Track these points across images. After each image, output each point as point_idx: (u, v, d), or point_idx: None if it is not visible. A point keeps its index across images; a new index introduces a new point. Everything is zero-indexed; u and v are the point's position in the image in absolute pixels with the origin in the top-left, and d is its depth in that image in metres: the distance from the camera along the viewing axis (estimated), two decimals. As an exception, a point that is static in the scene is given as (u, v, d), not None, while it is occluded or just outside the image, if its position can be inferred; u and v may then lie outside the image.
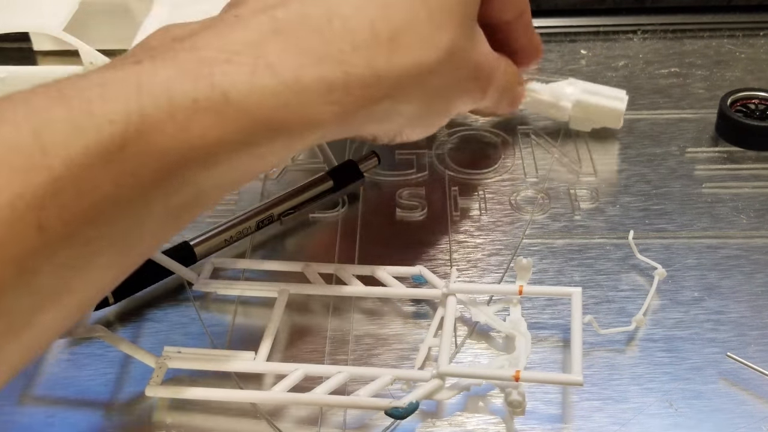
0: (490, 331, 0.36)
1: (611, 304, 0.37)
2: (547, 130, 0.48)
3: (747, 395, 0.33)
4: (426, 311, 0.38)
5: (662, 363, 0.35)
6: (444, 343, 0.33)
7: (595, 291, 0.38)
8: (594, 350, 0.35)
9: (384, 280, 0.37)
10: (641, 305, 0.36)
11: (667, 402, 0.33)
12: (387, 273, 0.37)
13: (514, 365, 0.33)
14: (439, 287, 0.36)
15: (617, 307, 0.37)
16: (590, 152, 0.46)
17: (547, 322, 0.37)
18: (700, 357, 0.35)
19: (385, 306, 0.38)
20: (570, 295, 0.35)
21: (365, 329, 0.37)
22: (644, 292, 0.37)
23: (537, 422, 0.33)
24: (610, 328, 0.35)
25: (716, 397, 0.33)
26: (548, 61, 0.54)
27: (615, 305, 0.37)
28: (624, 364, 0.35)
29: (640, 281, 0.38)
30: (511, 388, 0.32)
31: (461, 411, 0.33)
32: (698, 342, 0.36)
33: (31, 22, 0.49)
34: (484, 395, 0.34)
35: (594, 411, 0.33)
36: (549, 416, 0.33)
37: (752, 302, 0.37)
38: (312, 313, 0.38)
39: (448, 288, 0.36)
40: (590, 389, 0.34)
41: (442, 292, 0.36)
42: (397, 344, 0.36)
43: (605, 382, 0.34)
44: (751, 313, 0.37)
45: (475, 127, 0.49)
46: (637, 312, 0.36)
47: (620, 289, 0.38)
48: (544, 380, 0.33)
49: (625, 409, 0.33)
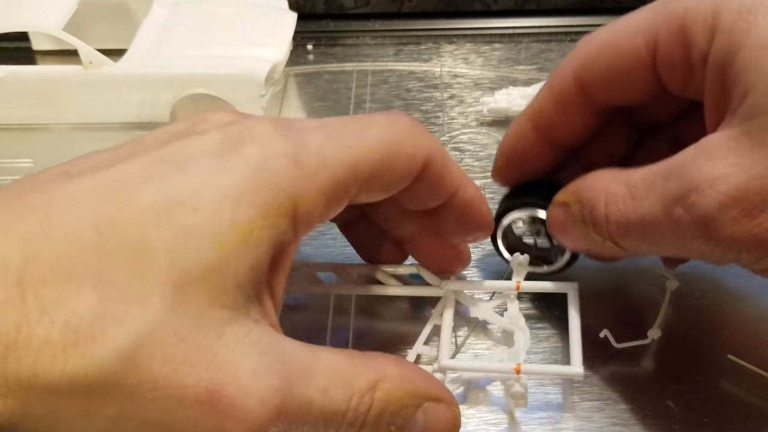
0: (487, 325, 0.36)
1: (616, 306, 0.37)
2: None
3: (747, 396, 0.33)
4: (423, 315, 0.37)
5: (663, 363, 0.35)
6: (444, 338, 0.33)
7: (598, 291, 0.38)
8: (594, 351, 0.35)
9: (382, 279, 0.37)
10: (645, 306, 0.36)
11: (668, 402, 0.33)
12: (385, 272, 0.37)
13: (514, 359, 0.33)
14: (436, 285, 0.36)
15: (621, 308, 0.37)
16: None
17: (545, 316, 0.37)
18: (700, 358, 0.35)
19: (383, 307, 0.38)
20: (566, 290, 0.35)
21: (365, 327, 0.37)
22: (649, 294, 0.37)
23: (537, 422, 0.33)
24: (626, 342, 0.35)
25: (716, 397, 0.33)
26: (549, 61, 0.54)
27: (620, 307, 0.37)
28: (625, 365, 0.35)
29: (645, 283, 0.38)
30: (512, 380, 0.32)
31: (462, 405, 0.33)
32: (699, 343, 0.35)
33: (30, 22, 0.49)
34: (484, 388, 0.34)
35: (595, 411, 0.33)
36: (549, 416, 0.33)
37: (753, 303, 0.37)
38: (311, 313, 0.38)
39: (445, 285, 0.36)
40: (591, 389, 0.34)
41: (440, 288, 0.36)
42: (398, 344, 0.36)
43: (606, 382, 0.34)
44: (751, 313, 0.37)
45: (473, 127, 0.49)
46: (646, 317, 0.36)
47: (625, 290, 0.38)
48: (545, 372, 0.33)
49: (626, 410, 0.33)
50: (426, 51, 0.56)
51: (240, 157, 0.26)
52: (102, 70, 0.48)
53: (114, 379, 0.23)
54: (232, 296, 0.25)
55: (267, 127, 0.27)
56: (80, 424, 0.24)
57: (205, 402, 0.24)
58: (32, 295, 0.22)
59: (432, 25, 0.58)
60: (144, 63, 0.48)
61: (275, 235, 0.26)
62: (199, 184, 0.25)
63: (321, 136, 0.28)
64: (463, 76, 0.54)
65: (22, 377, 0.22)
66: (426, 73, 0.54)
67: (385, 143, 0.29)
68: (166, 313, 0.23)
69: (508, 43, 0.57)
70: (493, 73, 0.53)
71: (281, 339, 0.26)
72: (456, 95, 0.52)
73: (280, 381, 0.25)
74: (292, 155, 0.26)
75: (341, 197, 0.28)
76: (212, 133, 0.26)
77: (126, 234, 0.24)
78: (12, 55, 0.54)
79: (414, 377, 0.28)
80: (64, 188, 0.24)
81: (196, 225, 0.24)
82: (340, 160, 0.28)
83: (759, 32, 0.28)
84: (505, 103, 0.49)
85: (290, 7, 0.54)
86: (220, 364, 0.24)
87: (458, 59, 0.55)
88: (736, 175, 0.27)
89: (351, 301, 0.38)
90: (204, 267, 0.24)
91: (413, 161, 0.30)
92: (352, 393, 0.26)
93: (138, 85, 0.48)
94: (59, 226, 0.23)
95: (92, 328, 0.23)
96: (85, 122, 0.50)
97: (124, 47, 0.49)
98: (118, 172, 0.25)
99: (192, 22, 0.51)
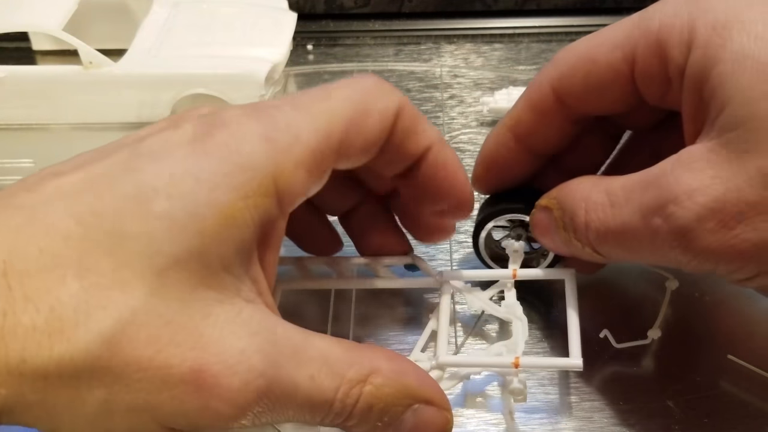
0: (485, 326, 0.36)
1: (615, 306, 0.37)
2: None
3: (747, 396, 0.33)
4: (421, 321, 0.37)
5: (663, 363, 0.35)
6: (441, 332, 0.33)
7: (598, 291, 0.38)
8: (594, 351, 0.35)
9: (377, 271, 0.37)
10: (645, 306, 0.36)
11: (668, 402, 0.33)
12: (380, 264, 0.37)
13: (512, 351, 0.32)
14: (432, 275, 0.36)
15: (620, 308, 0.37)
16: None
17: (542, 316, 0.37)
18: (700, 358, 0.35)
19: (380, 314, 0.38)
20: (564, 277, 0.35)
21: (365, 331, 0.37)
22: (649, 293, 0.37)
23: (537, 422, 0.33)
24: (625, 343, 0.35)
25: (716, 397, 0.33)
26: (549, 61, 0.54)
27: (619, 307, 0.37)
28: (625, 365, 0.35)
29: (645, 283, 0.38)
30: (511, 376, 0.31)
31: (461, 408, 0.33)
32: (699, 343, 0.35)
33: (31, 22, 0.49)
34: (483, 390, 0.34)
35: (595, 411, 0.33)
36: (549, 416, 0.33)
37: (753, 303, 0.37)
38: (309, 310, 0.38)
39: (441, 275, 0.36)
40: (591, 389, 0.34)
41: (436, 279, 0.36)
42: (396, 345, 0.36)
43: (606, 382, 0.34)
44: (751, 313, 0.37)
45: (473, 127, 0.49)
46: (646, 317, 0.36)
47: (624, 290, 0.38)
48: (544, 366, 0.33)
49: (626, 410, 0.33)
50: (426, 51, 0.56)
51: (212, 144, 0.26)
52: (102, 70, 0.48)
53: (100, 363, 0.23)
54: (219, 278, 0.25)
55: (236, 111, 0.28)
56: (72, 410, 0.24)
57: (190, 381, 0.24)
58: (17, 285, 0.23)
59: (432, 25, 0.58)
60: (144, 63, 0.48)
61: (259, 214, 0.26)
62: (173, 173, 0.25)
63: (290, 111, 0.28)
64: (463, 76, 0.54)
65: (11, 363, 0.23)
66: (426, 73, 0.54)
67: (354, 104, 0.29)
68: (148, 297, 0.24)
69: (508, 43, 0.57)
70: (493, 73, 0.53)
71: (274, 320, 0.27)
72: (456, 95, 0.52)
73: (266, 362, 0.25)
74: (263, 134, 0.27)
75: (321, 166, 0.28)
76: (185, 125, 0.27)
77: (105, 224, 0.24)
78: (12, 55, 0.54)
79: (407, 375, 0.28)
80: (48, 186, 0.25)
81: (172, 212, 0.25)
82: (312, 130, 0.28)
83: (734, 47, 0.28)
84: (505, 103, 0.49)
85: (290, 7, 0.54)
86: (206, 343, 0.24)
87: (458, 59, 0.55)
88: (714, 186, 0.27)
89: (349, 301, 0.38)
90: (185, 252, 0.25)
91: (384, 116, 0.30)
92: (340, 383, 0.26)
93: (138, 85, 0.48)
94: (42, 221, 0.24)
95: (76, 314, 0.23)
96: (85, 122, 0.50)
97: (124, 47, 0.49)
98: (98, 168, 0.26)
99: (192, 22, 0.51)
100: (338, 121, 0.29)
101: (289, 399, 0.26)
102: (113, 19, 0.54)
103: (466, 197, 0.34)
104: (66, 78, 0.48)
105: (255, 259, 0.27)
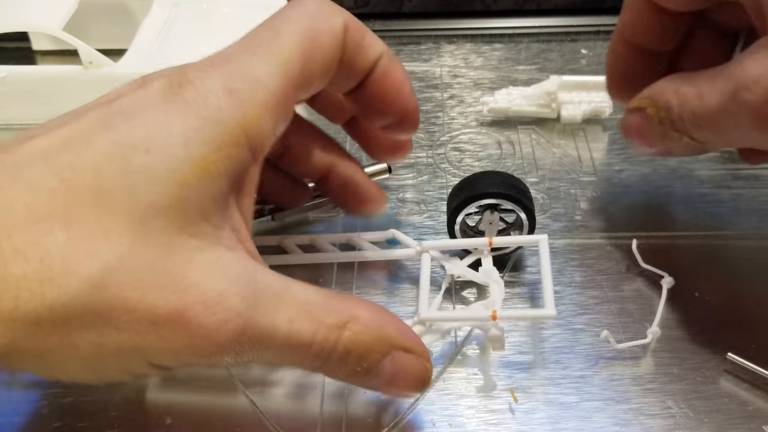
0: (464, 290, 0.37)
1: (612, 305, 0.37)
2: (546, 129, 0.48)
3: (747, 396, 0.33)
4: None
5: (663, 363, 0.35)
6: (422, 293, 0.35)
7: (596, 291, 0.38)
8: (594, 351, 0.35)
9: (359, 245, 0.38)
10: (642, 305, 0.36)
11: (668, 402, 0.33)
12: (362, 238, 0.38)
13: (490, 308, 0.34)
14: (412, 246, 0.38)
15: (618, 307, 0.37)
16: (591, 152, 0.46)
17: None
18: (700, 357, 0.35)
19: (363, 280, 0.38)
20: (537, 242, 0.36)
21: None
22: (646, 292, 0.37)
23: (537, 422, 0.33)
24: (625, 343, 0.35)
25: (716, 397, 0.33)
26: (549, 61, 0.54)
27: (617, 306, 0.37)
28: (625, 365, 0.35)
29: (641, 282, 0.38)
30: (490, 325, 0.33)
31: (461, 399, 0.33)
32: (699, 342, 0.35)
33: (31, 22, 0.49)
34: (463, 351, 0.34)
35: (595, 411, 0.33)
36: (549, 416, 0.33)
37: (753, 303, 0.37)
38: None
39: (421, 245, 0.37)
40: (591, 390, 0.34)
41: (416, 250, 0.37)
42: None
43: (606, 382, 0.34)
44: (751, 313, 0.37)
45: (473, 127, 0.49)
46: (646, 317, 0.36)
47: (622, 289, 0.38)
48: (520, 317, 0.35)
49: (626, 410, 0.33)
50: (426, 51, 0.56)
51: (181, 100, 0.27)
52: (102, 70, 0.48)
53: (90, 307, 0.25)
54: (199, 227, 0.27)
55: (200, 67, 0.29)
56: (65, 354, 0.25)
57: (175, 321, 0.26)
58: (5, 238, 0.24)
59: (432, 25, 0.58)
60: (144, 63, 0.48)
61: (232, 165, 0.27)
62: (148, 129, 0.26)
63: (246, 58, 0.29)
64: (463, 76, 0.54)
65: (4, 311, 0.24)
66: (426, 73, 0.54)
67: (303, 33, 0.30)
68: (133, 244, 0.25)
69: (508, 43, 0.57)
70: (493, 73, 0.53)
71: (253, 266, 0.28)
72: (456, 95, 0.52)
73: (244, 304, 0.27)
74: (225, 86, 0.28)
75: (285, 105, 0.30)
76: (154, 84, 0.28)
77: (87, 180, 0.25)
78: (12, 55, 0.54)
79: (386, 324, 0.29)
80: (26, 146, 0.26)
81: (151, 165, 0.26)
82: (270, 72, 0.29)
83: None
84: (505, 103, 0.49)
85: (290, 7, 0.54)
86: (188, 286, 0.26)
87: (458, 59, 0.55)
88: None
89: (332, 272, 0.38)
90: (166, 202, 0.26)
91: (334, 34, 0.31)
92: (318, 327, 0.28)
93: (138, 85, 0.48)
94: (25, 179, 0.25)
95: (65, 263, 0.24)
96: (85, 122, 0.50)
97: (124, 47, 0.49)
98: (74, 128, 0.27)
99: (192, 22, 0.51)
100: (293, 57, 0.30)
101: (267, 340, 0.27)
102: (113, 19, 0.54)
103: (410, 109, 0.35)
104: (66, 78, 0.48)
105: (234, 208, 0.28)
